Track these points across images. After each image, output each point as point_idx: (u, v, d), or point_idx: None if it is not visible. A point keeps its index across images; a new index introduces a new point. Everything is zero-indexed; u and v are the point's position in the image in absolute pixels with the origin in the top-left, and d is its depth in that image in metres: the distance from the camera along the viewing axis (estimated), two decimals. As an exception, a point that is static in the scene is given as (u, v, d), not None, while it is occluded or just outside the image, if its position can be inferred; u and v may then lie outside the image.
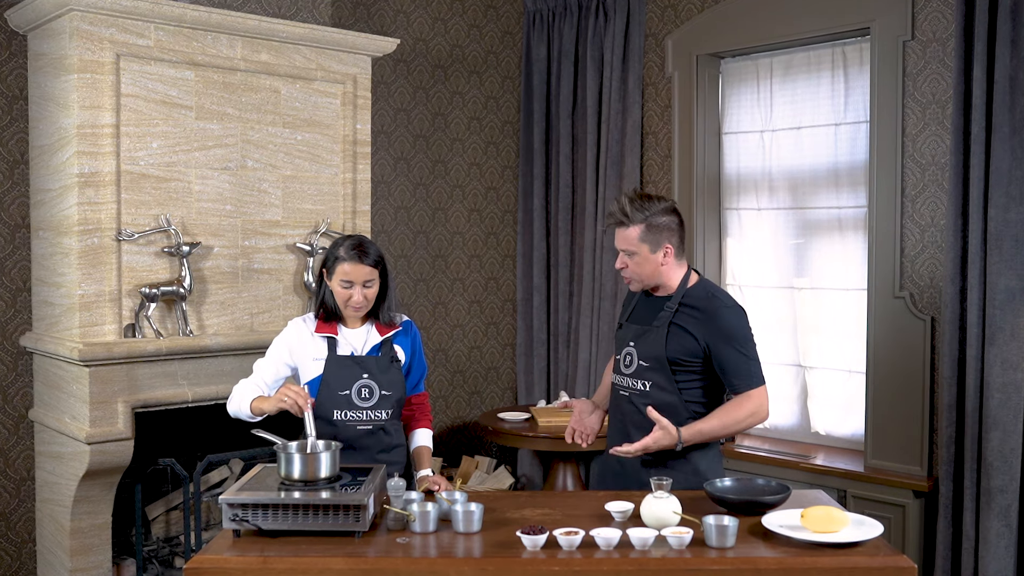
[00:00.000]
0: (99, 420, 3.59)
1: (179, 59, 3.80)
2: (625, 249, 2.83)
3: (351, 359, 2.86)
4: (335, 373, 2.84)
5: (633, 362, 2.88)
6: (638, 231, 2.79)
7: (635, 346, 2.87)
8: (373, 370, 2.86)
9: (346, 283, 2.80)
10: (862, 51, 4.38)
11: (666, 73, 4.94)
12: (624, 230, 2.81)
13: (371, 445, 2.87)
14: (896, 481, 4.08)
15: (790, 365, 4.73)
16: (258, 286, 4.06)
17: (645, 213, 2.79)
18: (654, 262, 2.82)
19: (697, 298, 2.84)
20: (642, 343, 2.86)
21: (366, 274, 2.80)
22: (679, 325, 2.81)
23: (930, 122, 4.07)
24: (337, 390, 2.83)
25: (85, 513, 3.70)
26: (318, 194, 4.22)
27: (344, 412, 2.84)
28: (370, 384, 2.85)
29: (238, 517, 2.37)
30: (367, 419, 2.85)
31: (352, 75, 4.27)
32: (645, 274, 2.84)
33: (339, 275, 2.80)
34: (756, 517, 2.49)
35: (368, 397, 2.85)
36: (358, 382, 2.84)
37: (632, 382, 2.88)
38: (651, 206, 2.81)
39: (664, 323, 2.82)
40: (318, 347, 2.87)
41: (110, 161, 3.65)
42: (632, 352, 2.88)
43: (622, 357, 2.92)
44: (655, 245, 2.81)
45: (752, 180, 4.83)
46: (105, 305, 3.66)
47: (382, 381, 2.87)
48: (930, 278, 4.08)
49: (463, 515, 2.42)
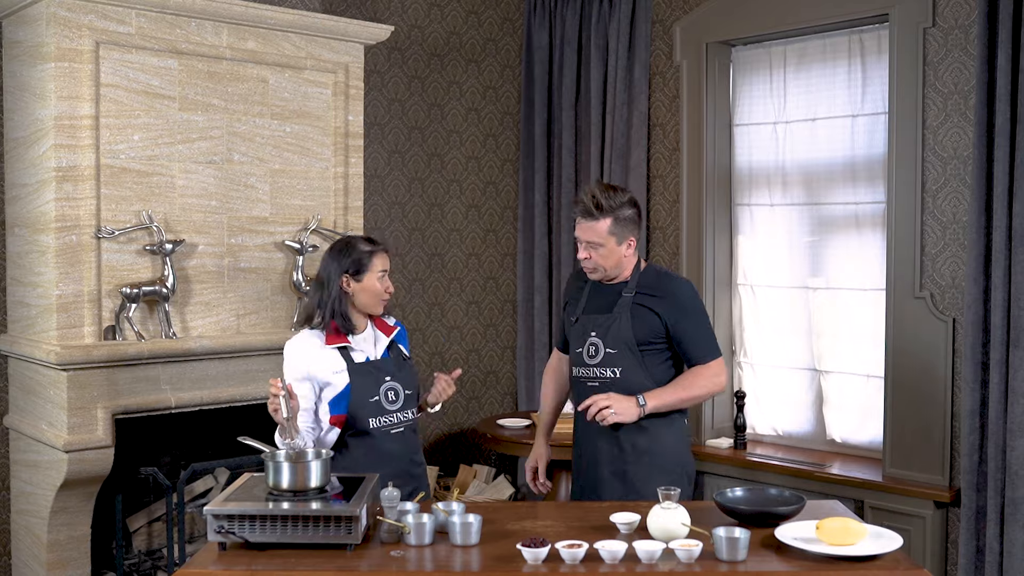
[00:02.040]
0: (78, 427, 3.59)
1: (162, 47, 3.80)
2: (592, 241, 3.00)
3: (370, 364, 2.93)
4: (361, 381, 2.90)
5: (599, 351, 3.05)
6: (607, 224, 2.97)
7: (598, 335, 3.05)
8: (393, 371, 2.96)
9: (382, 273, 2.94)
10: (880, 38, 4.38)
11: (674, 62, 4.94)
12: (594, 222, 2.98)
13: (404, 450, 2.95)
14: (916, 491, 4.08)
15: (804, 369, 4.73)
16: (245, 286, 4.06)
17: (614, 206, 2.97)
18: (618, 254, 3.02)
19: (651, 280, 3.07)
20: (605, 331, 3.05)
21: (389, 261, 2.98)
22: (641, 306, 3.03)
23: (952, 113, 4.07)
24: (367, 397, 2.89)
25: (63, 525, 3.70)
26: (308, 189, 4.22)
27: (378, 419, 2.91)
28: (395, 386, 2.95)
29: (224, 529, 2.37)
30: (398, 421, 2.95)
31: (344, 64, 4.27)
32: (609, 265, 3.03)
33: (375, 269, 2.92)
34: (768, 529, 2.49)
35: (395, 399, 2.94)
36: (384, 386, 2.92)
37: (600, 371, 3.06)
38: (618, 198, 2.99)
39: (626, 308, 3.04)
40: (332, 360, 2.90)
41: (89, 154, 3.65)
42: (596, 342, 3.06)
43: (584, 348, 3.08)
44: (621, 238, 3.01)
45: (764, 174, 4.83)
46: (84, 306, 3.66)
47: (403, 381, 2.98)
48: (952, 277, 4.08)
49: (460, 527, 2.42)
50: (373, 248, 2.92)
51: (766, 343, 4.85)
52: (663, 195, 5.04)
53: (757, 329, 4.88)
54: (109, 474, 3.71)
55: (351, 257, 2.90)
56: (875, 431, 4.45)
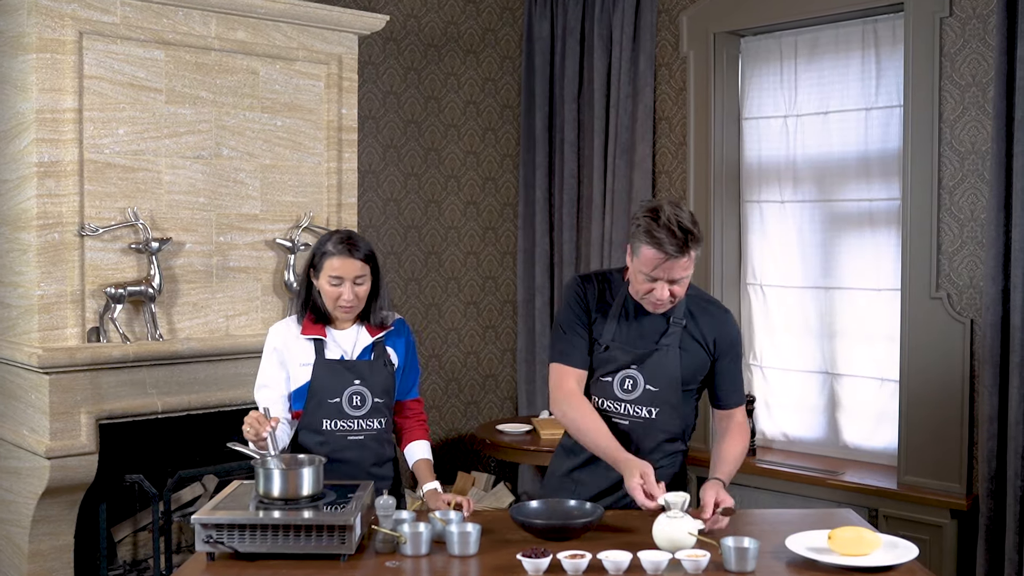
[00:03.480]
0: (60, 433, 3.59)
1: (147, 37, 3.81)
2: (682, 277, 2.64)
3: (341, 363, 2.86)
4: (324, 379, 2.84)
5: (636, 387, 2.78)
6: (694, 254, 2.62)
7: (639, 369, 2.77)
8: (365, 375, 2.87)
9: (336, 280, 2.80)
10: (895, 28, 4.38)
11: (681, 53, 4.95)
12: (688, 259, 2.61)
13: (363, 458, 2.87)
14: (932, 499, 4.08)
15: (817, 372, 4.73)
16: (234, 286, 4.07)
17: (697, 230, 2.60)
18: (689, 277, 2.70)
19: (699, 307, 2.80)
20: (650, 365, 2.76)
21: (357, 269, 2.81)
22: (691, 337, 2.78)
23: (969, 106, 4.07)
24: (326, 398, 2.84)
25: (45, 534, 3.70)
26: (300, 185, 4.22)
27: (334, 421, 2.84)
28: (362, 391, 2.86)
29: (212, 539, 2.37)
30: (359, 428, 2.86)
31: (337, 55, 4.27)
32: (683, 293, 2.71)
33: (328, 271, 2.80)
34: (772, 540, 2.49)
35: (360, 405, 2.86)
36: (349, 389, 2.85)
37: (634, 409, 2.79)
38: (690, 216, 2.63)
39: (675, 340, 2.76)
40: (304, 350, 2.87)
41: (72, 149, 3.65)
42: (635, 376, 2.77)
43: (617, 380, 2.79)
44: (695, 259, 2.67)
45: (775, 170, 4.83)
46: (66, 307, 3.66)
47: (375, 387, 2.87)
48: (970, 277, 4.09)
49: (459, 536, 2.42)
50: (333, 250, 2.79)
51: (776, 345, 4.85)
52: (669, 191, 5.04)
53: (767, 331, 4.88)
54: (93, 482, 3.71)
55: (316, 249, 2.85)
56: (890, 437, 4.45)
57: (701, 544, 2.41)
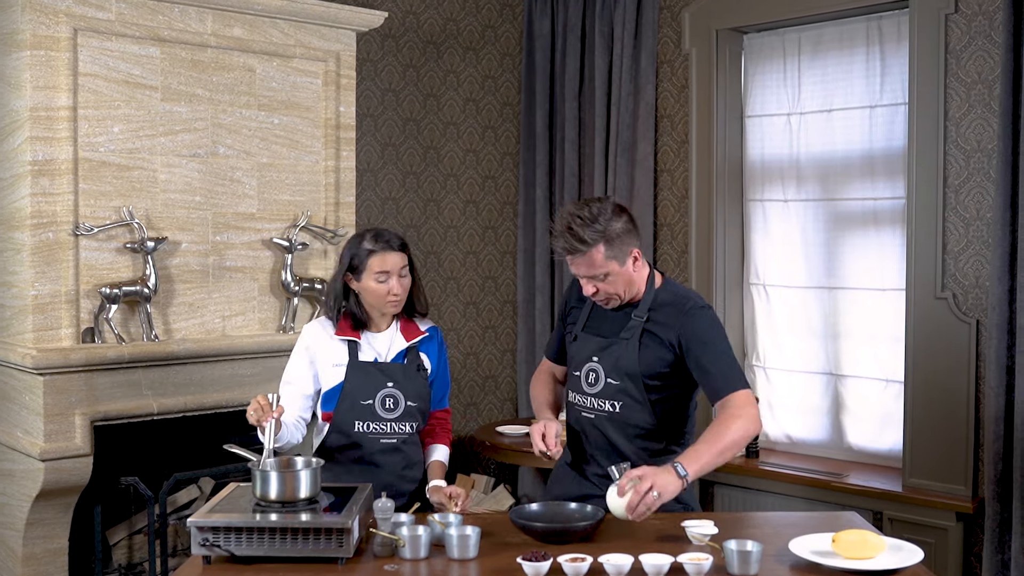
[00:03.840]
0: (54, 434, 3.58)
1: (143, 34, 3.80)
2: (592, 275, 2.72)
3: (374, 365, 2.90)
4: (357, 380, 2.87)
5: (599, 380, 2.82)
6: (601, 251, 2.67)
7: (600, 361, 2.81)
8: (399, 378, 2.90)
9: (382, 276, 2.84)
10: (900, 25, 4.38)
11: (683, 50, 4.94)
12: (583, 257, 2.68)
13: (394, 462, 2.91)
14: (937, 502, 4.08)
15: (820, 373, 4.73)
16: (231, 286, 4.06)
17: (598, 227, 2.65)
18: (626, 274, 2.74)
19: (665, 301, 2.80)
20: (608, 358, 2.80)
21: (399, 261, 2.86)
22: (651, 333, 2.77)
23: (975, 104, 4.07)
24: (359, 399, 2.87)
25: (39, 538, 3.69)
26: (297, 184, 4.22)
27: (367, 424, 2.87)
28: (395, 394, 2.89)
29: (208, 542, 2.36)
30: (391, 432, 2.89)
31: (335, 52, 4.27)
32: (621, 290, 2.76)
33: (372, 270, 2.84)
34: (776, 543, 2.49)
35: (393, 408, 2.89)
36: (382, 391, 2.88)
37: (598, 403, 2.83)
38: (600, 215, 2.67)
39: (634, 334, 2.78)
40: (337, 352, 2.90)
41: (66, 147, 3.65)
42: (597, 368, 2.82)
43: (583, 374, 2.85)
44: (622, 257, 2.71)
45: (778, 168, 4.82)
46: (61, 307, 3.66)
47: (408, 391, 2.90)
48: (975, 277, 4.08)
49: (458, 540, 2.42)
50: (373, 248, 2.84)
51: (779, 346, 4.85)
52: (671, 190, 5.04)
53: (770, 331, 4.88)
54: (88, 484, 3.71)
55: (353, 254, 2.88)
56: (894, 439, 4.44)
57: (703, 547, 2.41)
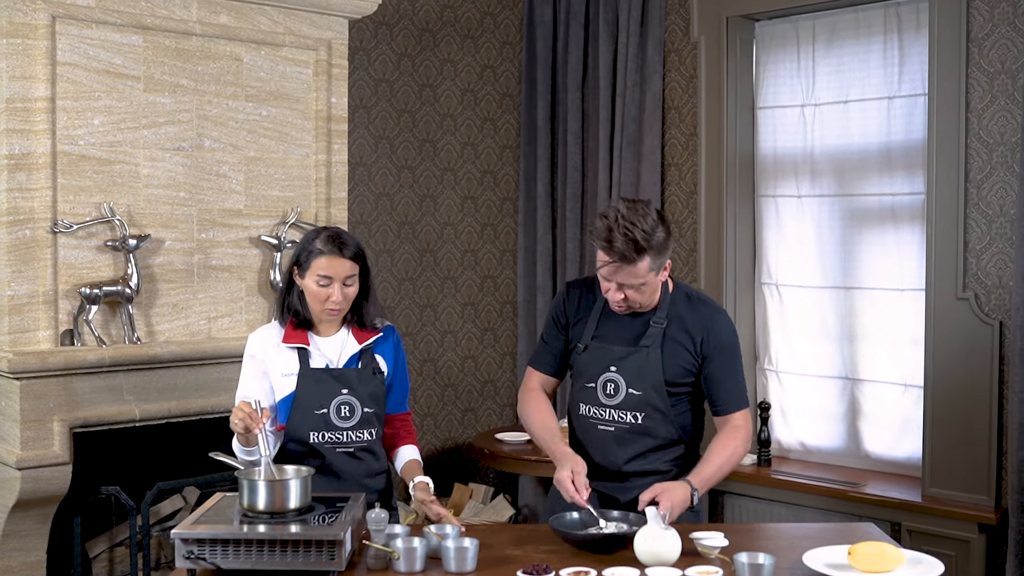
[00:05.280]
0: (32, 442, 3.58)
1: (125, 22, 3.80)
2: (631, 284, 2.72)
3: (327, 372, 2.87)
4: (309, 389, 2.85)
5: (619, 391, 2.84)
6: (648, 262, 2.69)
7: (619, 371, 2.83)
8: (353, 384, 2.87)
9: (324, 280, 2.80)
10: (919, 12, 4.38)
11: (691, 38, 4.94)
12: (633, 266, 2.68)
13: (355, 470, 2.88)
14: (959, 513, 4.08)
15: (836, 378, 4.73)
16: (217, 286, 4.06)
17: (651, 237, 2.66)
18: (656, 284, 2.78)
19: (683, 306, 2.86)
20: (629, 367, 2.83)
21: (347, 269, 2.81)
22: (673, 339, 2.83)
23: (998, 94, 4.07)
24: (312, 409, 2.84)
25: (15, 550, 3.69)
26: (286, 179, 4.22)
27: (321, 433, 2.84)
28: (350, 400, 2.86)
29: (193, 554, 2.36)
30: (348, 440, 2.86)
31: (326, 40, 4.27)
32: (647, 300, 2.80)
33: (315, 271, 2.81)
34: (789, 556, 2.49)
35: (349, 416, 2.86)
36: (337, 399, 2.85)
37: (619, 414, 2.85)
38: (648, 222, 2.67)
39: (655, 341, 2.81)
40: (287, 360, 2.88)
41: (44, 140, 3.65)
42: (617, 380, 2.84)
43: (599, 385, 2.86)
44: (660, 267, 2.75)
45: (791, 163, 4.83)
46: (38, 308, 3.66)
47: (363, 396, 2.88)
48: (998, 276, 4.08)
49: (455, 552, 2.42)
50: (322, 248, 2.80)
51: (793, 349, 4.85)
52: (679, 185, 5.04)
53: (783, 333, 4.88)
54: (66, 494, 3.71)
55: (302, 248, 2.85)
56: (913, 446, 4.45)
57: (714, 560, 2.41)
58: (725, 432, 2.87)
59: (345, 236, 2.86)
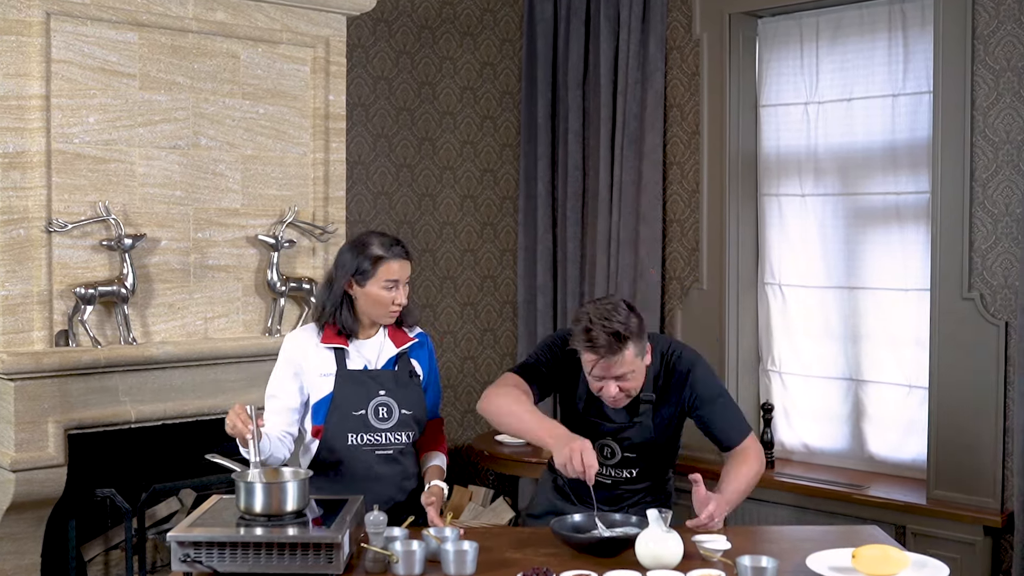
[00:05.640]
0: (26, 444, 3.58)
1: (120, 19, 3.80)
2: (621, 374, 2.80)
3: (365, 373, 2.91)
4: (348, 390, 2.88)
5: (615, 454, 2.97)
6: (632, 349, 2.77)
7: (615, 439, 2.96)
8: (391, 386, 2.92)
9: (392, 284, 2.88)
10: (924, 9, 4.38)
11: (694, 35, 4.94)
12: (620, 356, 2.76)
13: (392, 474, 2.92)
14: (964, 515, 4.08)
15: (840, 379, 4.73)
16: (213, 286, 4.06)
17: (628, 325, 2.75)
18: (642, 369, 2.88)
19: (663, 373, 2.96)
20: (626, 438, 2.95)
21: (409, 270, 2.93)
22: (663, 406, 2.95)
23: (1004, 92, 4.06)
24: (351, 410, 2.88)
25: (9, 553, 3.69)
26: (284, 177, 4.22)
27: (360, 435, 2.88)
28: (388, 402, 2.90)
29: (190, 557, 2.36)
30: (386, 442, 2.91)
31: (324, 37, 4.27)
32: (639, 385, 2.89)
33: (384, 276, 2.87)
34: (792, 559, 2.49)
35: (387, 417, 2.90)
36: (375, 400, 2.89)
37: (615, 472, 3.00)
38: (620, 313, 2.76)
39: (647, 419, 2.94)
40: (324, 361, 2.91)
41: (39, 139, 3.65)
42: (613, 446, 2.97)
43: (598, 447, 2.93)
44: (643, 352, 2.84)
45: (795, 161, 4.82)
46: (33, 308, 3.66)
47: (401, 399, 2.92)
48: (1004, 276, 4.08)
49: (454, 555, 2.42)
50: (383, 255, 2.87)
51: (796, 350, 4.85)
52: (681, 184, 5.04)
53: (786, 334, 4.88)
54: (61, 496, 3.71)
55: (358, 259, 2.89)
56: (918, 448, 4.44)
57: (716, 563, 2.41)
58: (744, 453, 2.96)
59: (393, 238, 2.94)
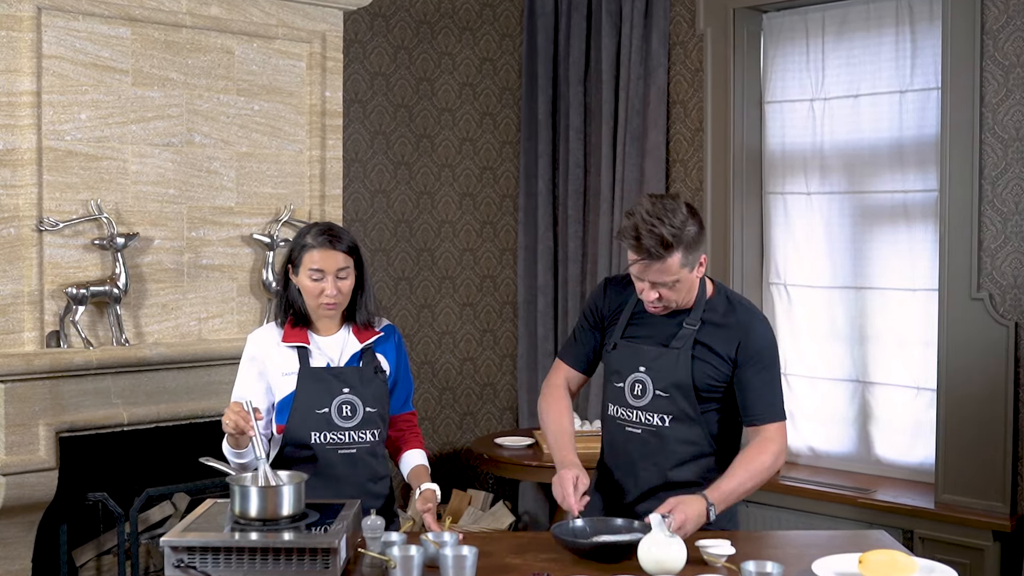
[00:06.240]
0: (16, 447, 3.58)
1: (113, 13, 3.80)
2: (662, 281, 2.70)
3: (328, 371, 2.89)
4: (310, 389, 2.86)
5: (646, 392, 2.83)
6: (679, 257, 2.66)
7: (647, 372, 2.82)
8: (355, 383, 2.89)
9: (317, 274, 2.82)
10: (932, 3, 4.38)
11: (697, 30, 4.94)
12: (662, 263, 2.66)
13: (358, 474, 2.89)
14: (973, 520, 4.08)
15: (847, 380, 4.73)
16: (207, 285, 4.06)
17: (681, 232, 2.64)
18: (691, 281, 2.75)
19: (719, 310, 2.82)
20: (657, 369, 2.81)
21: (339, 262, 2.84)
22: (704, 344, 2.79)
23: (1014, 88, 4.07)
24: (313, 408, 2.85)
25: (0, 558, 3.69)
26: (279, 175, 4.22)
27: (323, 434, 2.86)
28: (352, 400, 2.88)
29: (183, 563, 2.36)
30: (350, 441, 2.88)
31: (320, 32, 4.27)
32: (682, 298, 2.77)
33: (307, 265, 2.83)
34: (798, 564, 2.49)
35: (350, 415, 2.87)
36: (338, 398, 2.87)
37: (645, 416, 2.84)
38: (677, 217, 2.65)
39: (687, 344, 2.79)
40: (287, 359, 2.89)
41: (29, 136, 3.65)
42: (644, 380, 2.83)
43: (627, 385, 2.85)
44: (693, 263, 2.72)
45: (800, 159, 4.82)
46: (23, 308, 3.66)
47: (366, 396, 2.90)
48: (1013, 276, 4.08)
49: (453, 561, 2.41)
50: (313, 243, 2.82)
51: (801, 351, 4.85)
52: (684, 182, 5.04)
53: (791, 335, 4.88)
54: (52, 500, 3.71)
55: (295, 243, 2.88)
56: (926, 451, 4.44)
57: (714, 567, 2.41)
58: (754, 444, 2.78)
59: (337, 229, 2.89)
